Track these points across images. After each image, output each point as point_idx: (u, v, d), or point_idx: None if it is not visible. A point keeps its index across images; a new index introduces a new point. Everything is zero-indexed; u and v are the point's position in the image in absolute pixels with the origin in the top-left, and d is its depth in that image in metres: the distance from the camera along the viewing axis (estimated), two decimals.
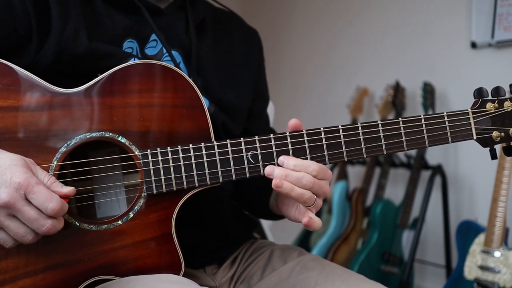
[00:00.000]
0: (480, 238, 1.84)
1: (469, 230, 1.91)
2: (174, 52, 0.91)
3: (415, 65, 2.54)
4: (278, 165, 0.78)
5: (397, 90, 2.42)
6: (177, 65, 0.89)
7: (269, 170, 0.76)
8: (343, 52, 2.90)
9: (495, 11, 2.18)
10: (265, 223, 1.85)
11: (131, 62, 0.79)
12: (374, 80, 2.70)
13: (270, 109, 1.55)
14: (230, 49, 1.02)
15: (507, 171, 1.81)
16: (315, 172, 0.76)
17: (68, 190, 0.70)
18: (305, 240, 2.63)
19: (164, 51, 0.90)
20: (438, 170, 2.26)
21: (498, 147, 0.88)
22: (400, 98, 2.43)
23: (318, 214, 2.69)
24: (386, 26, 2.67)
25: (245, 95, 1.01)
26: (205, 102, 0.81)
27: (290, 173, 0.75)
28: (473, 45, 2.27)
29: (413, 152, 2.34)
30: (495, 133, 0.85)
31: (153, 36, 0.89)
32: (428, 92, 2.28)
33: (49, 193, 0.67)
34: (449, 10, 2.39)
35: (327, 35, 2.99)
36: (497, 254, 1.78)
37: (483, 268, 1.80)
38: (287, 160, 0.77)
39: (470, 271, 1.84)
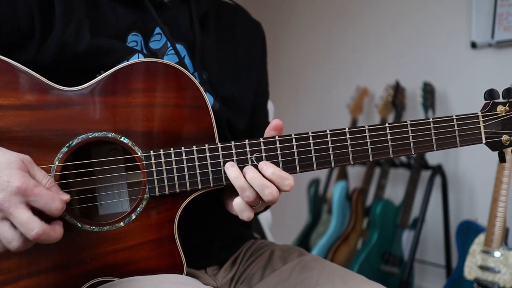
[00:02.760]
0: (480, 238, 1.84)
1: (469, 230, 1.91)
2: (178, 46, 0.90)
3: (415, 65, 2.54)
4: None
5: (397, 90, 2.42)
6: (181, 59, 0.89)
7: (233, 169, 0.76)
8: (343, 52, 2.90)
9: (495, 11, 2.18)
10: (265, 223, 1.85)
11: (134, 60, 0.78)
12: (374, 80, 2.70)
13: (270, 109, 1.55)
14: (233, 43, 1.01)
15: (507, 171, 1.81)
16: (289, 188, 0.75)
17: (66, 198, 0.69)
18: (305, 240, 2.63)
19: (169, 44, 0.89)
20: (438, 170, 2.26)
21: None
22: (400, 98, 2.43)
23: (318, 214, 2.67)
24: (386, 26, 2.67)
25: (249, 89, 1.00)
26: (209, 102, 0.80)
27: (256, 177, 0.74)
28: (473, 45, 2.27)
29: None
30: (504, 137, 0.84)
31: (157, 30, 0.89)
32: (428, 92, 2.28)
33: (51, 194, 0.66)
34: (449, 10, 2.39)
35: (327, 35, 2.99)
36: (497, 254, 1.78)
37: (483, 268, 1.80)
38: (266, 167, 0.75)
39: (470, 271, 1.84)
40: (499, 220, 1.80)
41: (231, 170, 0.76)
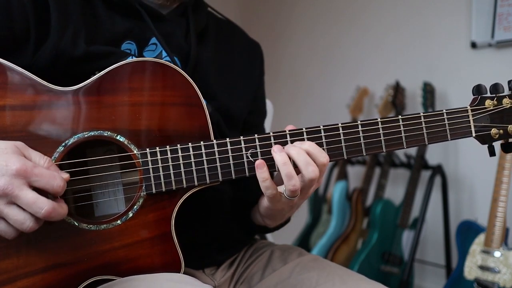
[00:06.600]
0: (480, 238, 1.84)
1: (469, 230, 1.91)
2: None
3: (415, 65, 2.54)
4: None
5: (397, 90, 2.42)
6: None
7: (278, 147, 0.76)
8: (343, 52, 2.89)
9: (495, 11, 2.18)
10: None
11: (130, 59, 0.79)
12: (374, 80, 2.69)
13: (269, 109, 1.55)
14: (231, 59, 1.02)
15: (507, 171, 1.81)
16: (326, 160, 0.77)
17: (66, 176, 0.69)
18: (305, 240, 2.62)
19: (164, 54, 0.89)
20: (438, 170, 2.26)
21: (496, 144, 0.88)
22: (400, 98, 2.42)
23: (318, 214, 2.66)
24: (386, 26, 2.67)
25: (243, 105, 1.01)
26: (204, 101, 0.80)
27: (301, 152, 0.75)
28: (473, 45, 2.27)
29: (413, 152, 2.34)
30: (493, 130, 0.86)
31: (153, 40, 0.89)
32: (428, 92, 2.28)
33: (51, 172, 0.67)
34: (449, 10, 2.39)
35: (327, 35, 2.98)
36: (497, 254, 1.78)
37: (483, 268, 1.80)
38: (302, 143, 0.77)
39: (470, 271, 1.83)
40: (499, 220, 1.80)
41: (279, 155, 0.75)
